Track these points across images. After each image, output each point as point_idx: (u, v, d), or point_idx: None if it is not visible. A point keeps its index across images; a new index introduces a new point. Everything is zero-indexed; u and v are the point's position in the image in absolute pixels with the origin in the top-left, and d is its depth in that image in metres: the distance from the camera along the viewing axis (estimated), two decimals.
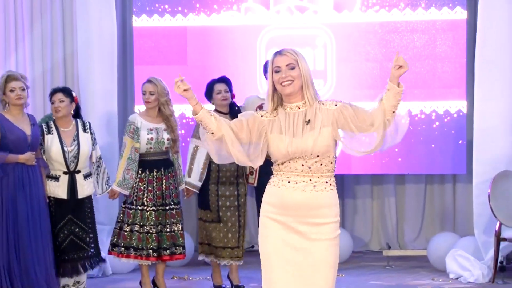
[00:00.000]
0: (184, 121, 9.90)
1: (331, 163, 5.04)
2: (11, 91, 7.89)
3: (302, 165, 4.98)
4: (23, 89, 7.95)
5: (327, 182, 5.02)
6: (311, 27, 10.30)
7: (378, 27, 10.22)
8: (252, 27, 10.36)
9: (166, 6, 10.39)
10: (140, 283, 8.54)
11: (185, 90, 5.04)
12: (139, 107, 9.83)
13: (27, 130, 7.96)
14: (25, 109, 8.16)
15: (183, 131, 9.27)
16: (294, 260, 4.99)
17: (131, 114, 10.09)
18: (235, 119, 5.18)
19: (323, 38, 10.25)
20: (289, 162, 5.01)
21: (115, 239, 8.42)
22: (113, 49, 10.13)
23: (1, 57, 10.33)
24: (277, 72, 5.02)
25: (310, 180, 4.99)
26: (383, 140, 5.03)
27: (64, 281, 8.23)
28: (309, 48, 10.03)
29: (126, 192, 8.30)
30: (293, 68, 4.99)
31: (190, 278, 9.42)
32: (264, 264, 5.10)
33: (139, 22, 10.46)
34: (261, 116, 5.13)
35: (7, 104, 8.00)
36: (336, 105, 5.04)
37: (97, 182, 8.46)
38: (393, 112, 4.98)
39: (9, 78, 7.98)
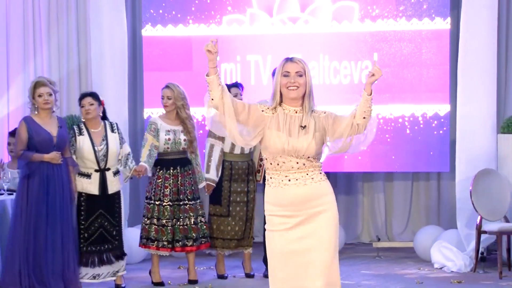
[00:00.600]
0: (202, 122, 9.74)
1: (319, 159, 5.13)
2: (39, 96, 7.88)
3: (297, 163, 5.05)
4: (50, 94, 7.94)
5: (320, 173, 5.12)
6: (309, 35, 10.31)
7: (369, 36, 10.24)
8: (251, 37, 10.39)
9: (173, 13, 10.38)
10: (150, 272, 8.63)
11: (208, 50, 5.06)
12: (150, 110, 9.93)
13: (54, 131, 7.95)
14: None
15: (201, 131, 9.37)
16: (300, 249, 5.04)
17: (141, 118, 10.36)
18: (240, 101, 5.22)
19: (321, 46, 10.32)
20: (284, 162, 5.07)
21: (143, 233, 8.54)
22: (124, 57, 10.15)
23: (20, 64, 10.36)
24: (285, 76, 5.08)
25: (307, 174, 5.07)
26: (349, 144, 5.15)
27: (85, 270, 8.23)
28: (314, 62, 10.00)
29: (150, 173, 8.39)
30: (301, 76, 5.07)
31: (196, 268, 9.28)
32: (271, 261, 5.17)
33: (147, 31, 10.48)
34: (262, 110, 5.17)
35: (36, 108, 8.02)
36: (324, 112, 5.16)
37: (125, 166, 8.43)
38: (364, 118, 5.09)
39: (38, 84, 7.96)
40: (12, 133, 9.26)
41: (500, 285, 8.51)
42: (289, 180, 5.07)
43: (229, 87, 8.65)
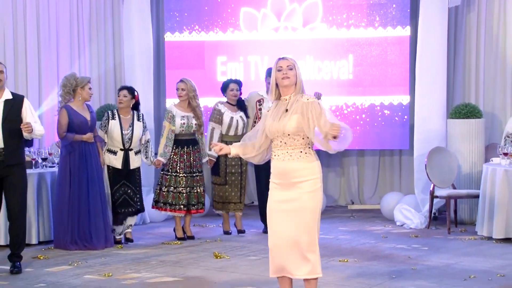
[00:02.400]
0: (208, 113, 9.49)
1: (303, 139, 5.07)
2: (84, 85, 8.08)
3: (280, 142, 5.10)
4: (90, 88, 8.15)
5: (301, 152, 5.09)
6: (298, 41, 10.41)
7: (345, 41, 10.42)
8: (252, 42, 10.50)
9: (189, 23, 10.54)
10: (174, 229, 8.73)
11: (221, 149, 5.41)
12: (171, 100, 9.89)
13: (87, 116, 8.09)
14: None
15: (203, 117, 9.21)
16: (287, 208, 5.08)
17: (163, 107, 10.36)
18: (256, 132, 5.32)
19: (304, 48, 10.41)
20: (275, 140, 5.13)
21: (157, 198, 8.60)
22: (149, 58, 10.29)
23: (67, 64, 10.32)
24: (279, 71, 5.10)
25: (287, 152, 5.10)
26: (327, 146, 5.12)
27: (117, 228, 8.43)
28: (301, 61, 9.81)
29: (165, 161, 8.42)
30: (291, 69, 5.08)
31: (207, 226, 9.65)
32: (268, 213, 5.22)
33: (168, 37, 10.66)
34: (268, 110, 5.30)
35: (73, 98, 8.06)
36: (308, 99, 5.11)
37: (146, 158, 8.52)
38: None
39: (81, 77, 8.24)
40: None
41: (448, 239, 8.59)
42: (276, 156, 5.15)
43: (230, 82, 8.76)
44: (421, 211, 9.60)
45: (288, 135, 5.10)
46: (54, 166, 8.70)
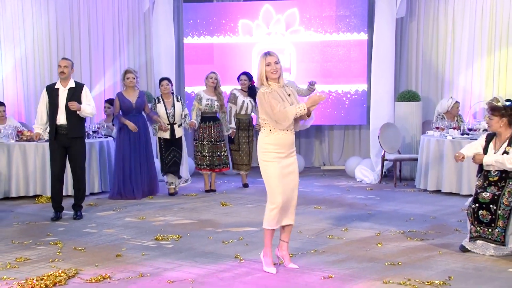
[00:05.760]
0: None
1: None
2: (127, 78, 8.05)
3: None
4: (134, 78, 8.03)
5: (287, 131, 4.78)
6: (282, 43, 10.31)
7: (319, 44, 10.33)
8: (247, 44, 10.40)
9: (201, 29, 10.41)
10: (204, 184, 8.68)
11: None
12: (190, 88, 9.93)
13: (133, 100, 7.99)
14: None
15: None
16: (289, 172, 4.81)
17: (183, 92, 10.28)
18: (279, 101, 4.71)
19: (289, 49, 10.32)
20: None
21: (195, 160, 8.64)
22: (172, 55, 10.15)
23: (111, 60, 10.36)
24: (268, 65, 4.76)
25: (291, 127, 4.79)
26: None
27: (169, 179, 8.36)
28: (281, 55, 9.52)
29: (196, 123, 8.34)
30: (277, 63, 4.79)
31: (227, 182, 9.49)
32: (274, 178, 4.77)
33: (187, 40, 10.54)
34: (271, 92, 4.74)
35: (125, 86, 8.05)
36: (292, 86, 5.00)
37: (185, 123, 8.35)
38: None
39: (127, 71, 8.14)
40: (107, 101, 9.38)
41: (394, 191, 8.62)
42: (288, 130, 4.78)
43: (241, 74, 8.66)
44: (375, 171, 9.62)
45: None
46: (101, 137, 8.64)
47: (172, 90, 8.54)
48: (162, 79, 8.53)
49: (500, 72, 9.57)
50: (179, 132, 8.43)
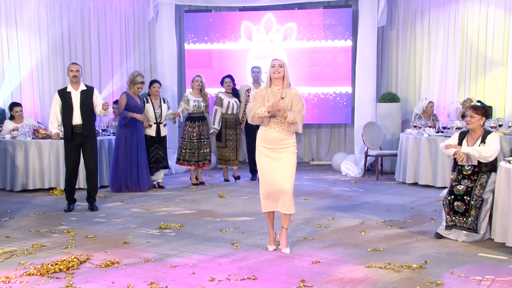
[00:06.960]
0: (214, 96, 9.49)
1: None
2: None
3: (276, 119, 4.81)
4: (142, 82, 7.92)
5: (270, 128, 4.84)
6: (274, 49, 10.26)
7: (308, 50, 10.30)
8: (242, 50, 10.36)
9: (201, 36, 10.35)
10: (190, 178, 8.67)
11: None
12: (190, 90, 9.54)
13: (138, 101, 7.97)
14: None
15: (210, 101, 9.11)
16: (272, 164, 4.86)
17: (184, 94, 9.92)
18: (256, 101, 4.82)
19: (280, 54, 10.17)
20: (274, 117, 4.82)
21: (178, 156, 8.55)
22: (174, 60, 10.14)
23: (118, 63, 10.30)
24: (273, 67, 4.82)
25: (280, 126, 4.82)
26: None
27: (153, 177, 8.24)
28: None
29: (182, 119, 8.34)
30: (281, 67, 4.82)
31: (214, 176, 9.42)
32: (259, 168, 4.94)
33: (188, 46, 10.47)
34: (259, 92, 4.89)
35: (129, 87, 7.93)
36: (295, 92, 4.87)
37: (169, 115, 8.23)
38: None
39: (154, 81, 8.25)
40: (115, 102, 9.16)
41: (376, 184, 8.60)
42: (271, 127, 4.86)
43: (225, 77, 8.55)
44: (359, 165, 9.61)
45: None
46: (110, 135, 8.58)
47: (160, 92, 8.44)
48: (153, 81, 8.38)
49: (471, 76, 9.61)
50: (163, 131, 8.30)
